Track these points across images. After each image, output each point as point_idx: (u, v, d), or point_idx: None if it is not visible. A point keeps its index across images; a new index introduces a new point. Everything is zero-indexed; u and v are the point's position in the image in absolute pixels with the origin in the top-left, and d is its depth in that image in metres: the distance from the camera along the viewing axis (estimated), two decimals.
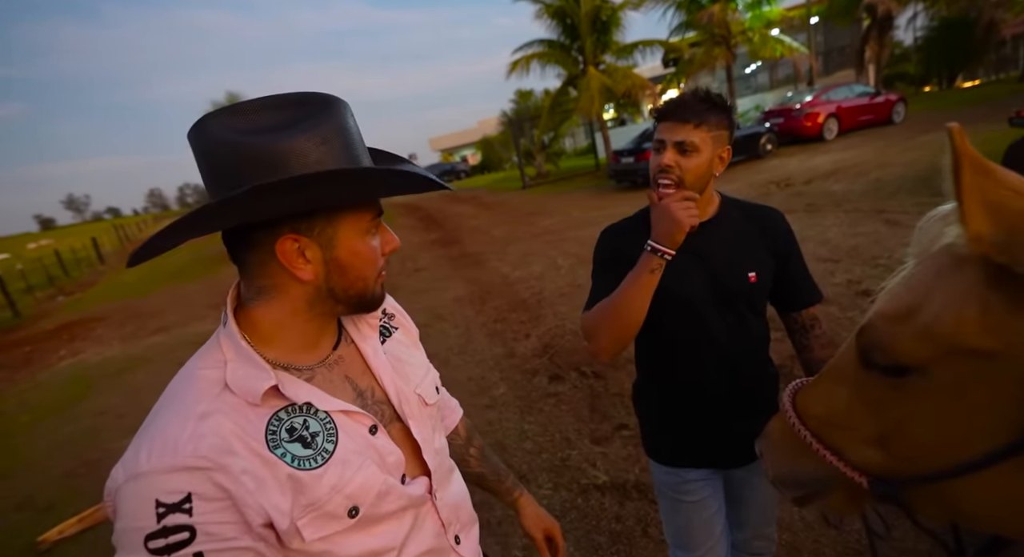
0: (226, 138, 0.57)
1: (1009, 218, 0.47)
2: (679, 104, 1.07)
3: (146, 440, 0.54)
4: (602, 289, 1.16)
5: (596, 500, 2.32)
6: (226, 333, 0.63)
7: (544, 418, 3.07)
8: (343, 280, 0.64)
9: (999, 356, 0.50)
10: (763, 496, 1.30)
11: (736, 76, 16.32)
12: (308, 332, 0.67)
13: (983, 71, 22.73)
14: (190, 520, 0.52)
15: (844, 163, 8.96)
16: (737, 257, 1.14)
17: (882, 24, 17.32)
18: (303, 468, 0.59)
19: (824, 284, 4.04)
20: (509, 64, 15.58)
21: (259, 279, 0.63)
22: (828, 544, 1.86)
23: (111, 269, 17.60)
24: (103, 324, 8.71)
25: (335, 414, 0.65)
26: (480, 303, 5.55)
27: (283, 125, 0.58)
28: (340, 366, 0.70)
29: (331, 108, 0.61)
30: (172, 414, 0.57)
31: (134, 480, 0.52)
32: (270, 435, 0.59)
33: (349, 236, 0.63)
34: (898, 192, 6.13)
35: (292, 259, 0.60)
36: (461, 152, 44.56)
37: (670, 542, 1.32)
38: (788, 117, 12.50)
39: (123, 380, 5.48)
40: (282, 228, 0.59)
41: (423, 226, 12.76)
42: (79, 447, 3.97)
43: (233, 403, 0.59)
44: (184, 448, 0.53)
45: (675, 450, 1.24)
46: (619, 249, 1.18)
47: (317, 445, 0.61)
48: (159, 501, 0.51)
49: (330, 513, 0.60)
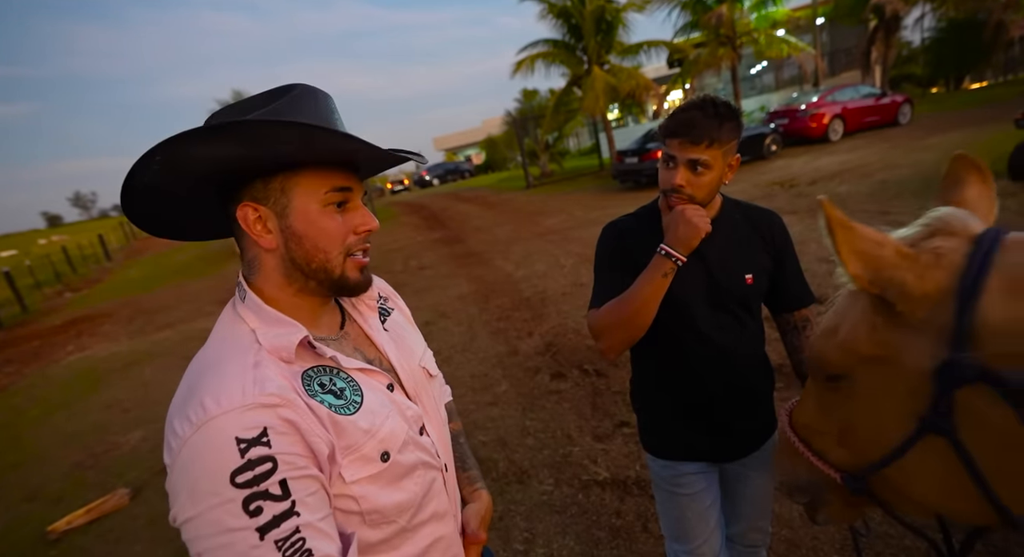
0: (211, 123, 0.63)
1: (871, 261, 0.64)
2: (690, 124, 1.04)
3: (207, 392, 0.56)
4: (607, 287, 1.17)
5: (597, 496, 2.34)
6: (246, 305, 0.67)
7: (546, 415, 3.09)
8: (300, 250, 0.66)
9: (887, 361, 0.67)
10: (758, 490, 1.33)
11: (741, 76, 16.29)
12: (303, 308, 0.70)
13: (991, 72, 22.56)
14: (270, 451, 0.55)
15: (849, 164, 8.94)
16: (736, 259, 1.16)
17: (889, 25, 17.22)
18: (340, 413, 0.63)
19: (825, 285, 4.05)
20: (514, 64, 15.60)
21: (244, 253, 0.69)
22: (826, 540, 1.88)
23: (118, 266, 17.74)
24: (110, 320, 8.80)
25: (355, 373, 0.69)
26: (483, 301, 5.58)
27: (250, 110, 0.64)
28: (348, 340, 0.75)
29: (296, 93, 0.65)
30: (225, 368, 0.59)
31: (208, 425, 0.54)
32: (306, 386, 0.63)
33: (304, 204, 0.66)
34: (903, 194, 6.12)
35: (252, 226, 0.65)
36: (465, 151, 44.60)
37: (666, 534, 1.34)
38: (793, 118, 12.47)
39: (130, 375, 5.55)
40: (242, 196, 0.65)
41: (427, 225, 12.81)
42: (87, 440, 4.02)
43: (271, 360, 0.62)
44: (251, 390, 0.56)
45: (670, 444, 1.26)
46: (625, 248, 1.19)
47: (347, 397, 0.65)
48: (239, 438, 0.54)
49: (366, 456, 0.64)
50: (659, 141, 1.14)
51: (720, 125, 1.04)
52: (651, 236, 1.15)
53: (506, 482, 2.54)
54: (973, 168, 0.81)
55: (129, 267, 16.77)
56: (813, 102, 12.49)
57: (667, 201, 1.13)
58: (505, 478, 2.57)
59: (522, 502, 2.39)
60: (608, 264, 1.21)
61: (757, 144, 11.61)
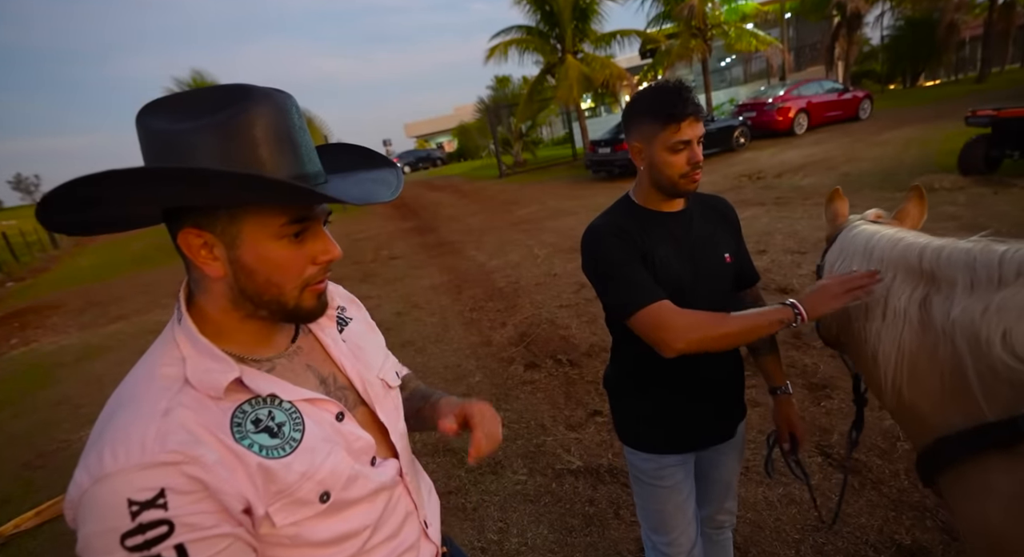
0: (150, 126, 0.56)
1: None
2: (687, 100, 1.07)
3: (108, 442, 0.52)
4: (641, 280, 1.09)
5: (570, 484, 2.36)
6: (181, 329, 0.61)
7: (520, 405, 3.09)
8: (252, 284, 0.61)
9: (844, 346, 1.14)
10: (727, 473, 1.38)
11: (711, 69, 16.52)
12: (253, 329, 0.65)
13: (944, 71, 23.65)
14: (166, 514, 0.51)
15: (814, 158, 9.22)
16: (713, 241, 1.21)
17: (851, 22, 17.78)
18: (272, 457, 0.58)
19: (791, 275, 4.18)
20: (487, 50, 15.37)
21: (190, 270, 0.63)
22: (788, 521, 1.95)
23: (66, 254, 16.79)
24: (58, 312, 8.32)
25: (299, 403, 0.64)
26: (456, 292, 5.53)
27: (198, 115, 0.55)
28: (300, 356, 0.69)
29: (251, 101, 0.56)
30: (133, 413, 0.55)
31: (102, 482, 0.51)
32: (235, 427, 0.58)
33: (255, 238, 0.59)
34: (864, 187, 6.36)
35: (196, 253, 0.59)
36: (437, 139, 43.94)
37: (646, 526, 1.35)
38: (761, 111, 12.77)
39: (81, 369, 5.27)
40: (184, 220, 0.58)
41: (398, 214, 12.59)
42: (35, 439, 3.80)
43: (195, 398, 0.57)
44: (152, 446, 0.52)
45: (658, 438, 1.25)
46: (633, 246, 1.13)
47: (284, 434, 0.61)
48: (131, 500, 0.50)
49: (301, 499, 0.60)
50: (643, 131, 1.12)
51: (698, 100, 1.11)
52: (643, 230, 1.15)
53: (480, 472, 2.54)
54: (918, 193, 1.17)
55: (79, 255, 15.89)
56: (780, 96, 12.82)
57: (686, 179, 1.11)
58: (479, 468, 2.56)
59: (496, 492, 2.39)
60: (625, 258, 1.12)
61: (726, 136, 11.84)
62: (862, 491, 2.01)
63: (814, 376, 2.80)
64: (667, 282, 1.13)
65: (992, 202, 5.05)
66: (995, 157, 5.96)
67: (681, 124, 1.07)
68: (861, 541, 1.81)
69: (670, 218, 1.18)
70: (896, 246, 0.96)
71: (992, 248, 0.81)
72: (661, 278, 1.12)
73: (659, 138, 1.09)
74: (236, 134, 0.55)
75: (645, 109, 1.11)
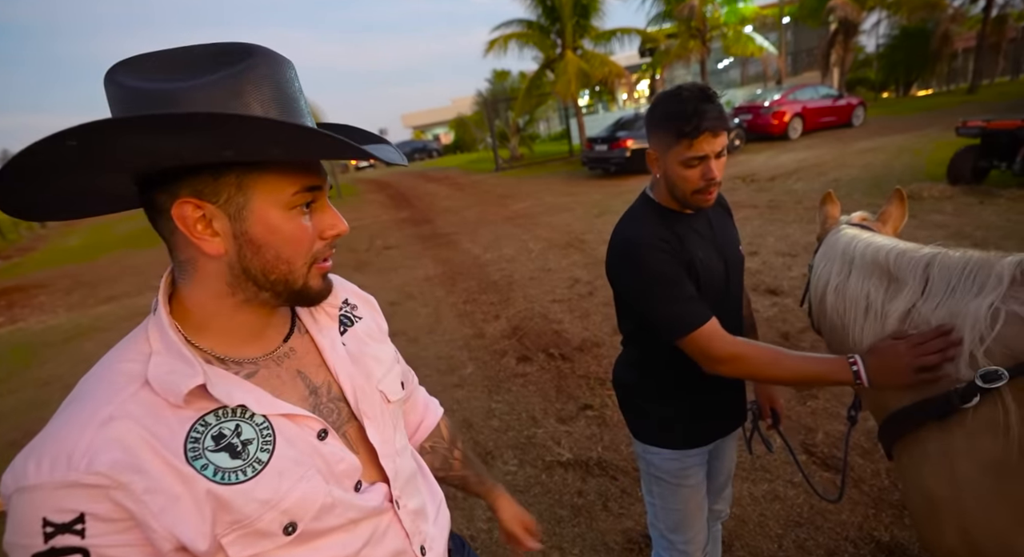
0: (131, 85, 0.49)
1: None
2: (704, 114, 0.99)
3: (38, 447, 0.48)
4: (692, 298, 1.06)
5: (560, 476, 2.41)
6: (155, 320, 0.56)
7: (511, 397, 3.13)
8: (259, 260, 0.55)
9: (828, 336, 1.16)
10: (729, 461, 1.41)
11: (709, 70, 16.59)
12: (245, 320, 0.59)
13: (936, 81, 23.93)
14: (82, 542, 0.47)
15: (806, 162, 9.32)
16: (732, 235, 1.25)
17: (847, 29, 17.92)
18: (226, 482, 0.52)
19: (781, 277, 4.25)
20: (487, 42, 15.30)
21: (175, 252, 0.56)
22: (772, 517, 2.00)
23: (54, 233, 16.49)
24: (46, 291, 8.20)
25: (275, 418, 0.57)
26: (450, 284, 5.55)
27: (198, 72, 0.50)
28: (291, 359, 0.63)
29: (257, 58, 0.51)
30: (73, 417, 0.50)
31: (20, 494, 0.47)
32: (191, 443, 0.52)
33: (264, 207, 0.54)
34: (853, 193, 6.46)
35: (192, 227, 0.52)
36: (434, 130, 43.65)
37: (663, 527, 1.32)
38: (756, 114, 12.85)
39: (70, 349, 5.21)
40: (180, 190, 0.51)
41: (393, 204, 12.53)
42: (22, 418, 3.77)
43: (151, 404, 0.52)
44: (78, 462, 0.47)
45: (682, 434, 1.24)
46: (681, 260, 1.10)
47: (248, 455, 0.54)
48: (47, 520, 0.46)
49: (261, 530, 0.53)
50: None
51: (723, 109, 1.04)
52: (674, 231, 1.11)
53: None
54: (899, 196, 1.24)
55: (67, 235, 15.63)
56: (776, 100, 12.90)
57: (702, 194, 1.07)
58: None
59: None
60: (674, 275, 1.07)
61: None
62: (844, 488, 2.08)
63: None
64: (709, 284, 1.11)
65: (979, 212, 5.16)
66: (983, 168, 6.08)
67: (695, 140, 1.01)
68: (841, 537, 1.87)
69: (694, 219, 1.16)
70: (868, 249, 1.04)
71: (947, 257, 0.90)
72: (704, 281, 1.10)
73: (673, 151, 1.04)
74: (244, 92, 0.50)
75: (660, 117, 1.06)
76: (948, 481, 0.84)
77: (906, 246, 0.98)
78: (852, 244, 1.08)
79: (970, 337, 0.82)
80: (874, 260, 1.00)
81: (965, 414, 0.81)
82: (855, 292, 1.02)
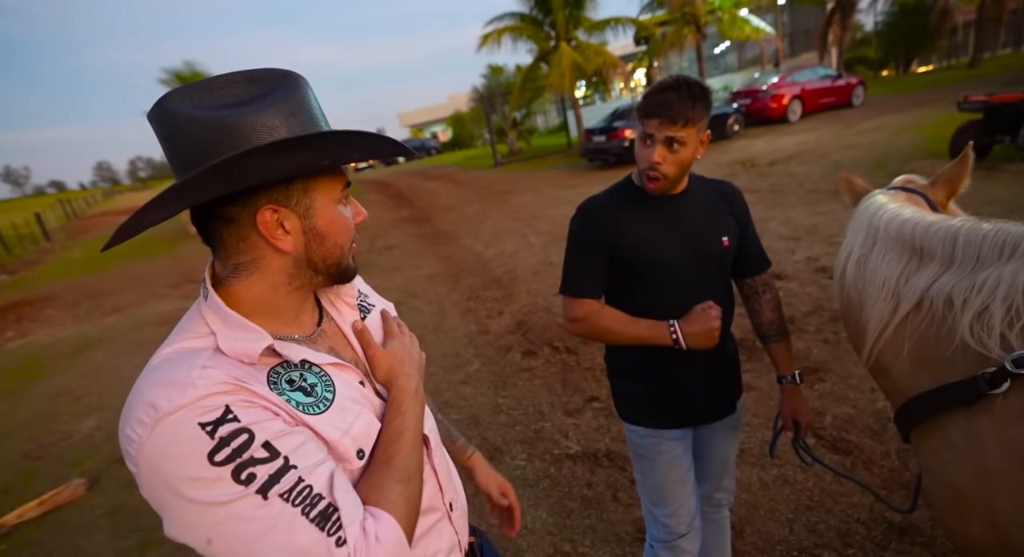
0: (192, 114, 0.57)
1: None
2: (666, 105, 1.09)
3: (153, 394, 0.53)
4: (580, 273, 1.24)
5: (568, 469, 2.41)
6: (209, 305, 0.63)
7: (518, 392, 3.13)
8: (321, 249, 0.66)
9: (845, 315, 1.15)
10: (724, 451, 1.42)
11: (706, 56, 16.45)
12: (288, 307, 0.68)
13: (936, 57, 23.63)
14: (241, 424, 0.53)
15: (807, 145, 9.24)
16: (711, 223, 1.24)
17: (845, 7, 17.69)
18: (309, 413, 0.61)
19: (785, 262, 4.22)
20: (481, 37, 15.20)
21: (236, 256, 0.64)
22: (782, 502, 2.00)
23: (59, 246, 16.60)
24: (53, 304, 8.26)
25: (328, 367, 0.67)
26: (453, 281, 5.55)
27: (249, 99, 0.59)
28: (324, 339, 0.72)
29: (293, 82, 0.63)
30: (171, 370, 0.55)
31: (163, 422, 0.51)
32: (272, 384, 0.60)
33: (325, 205, 0.65)
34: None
35: (272, 230, 0.61)
36: (431, 128, 43.56)
37: (646, 501, 1.38)
38: (755, 98, 12.74)
39: (79, 361, 5.25)
40: (259, 200, 0.60)
41: (394, 203, 12.52)
42: (35, 430, 3.80)
43: (228, 363, 0.59)
44: (201, 383, 0.53)
45: (654, 414, 1.30)
46: (598, 233, 1.22)
47: (318, 394, 0.64)
48: (202, 422, 0.51)
49: (341, 454, 0.63)
50: (633, 120, 1.17)
51: (693, 105, 1.09)
52: (629, 210, 1.21)
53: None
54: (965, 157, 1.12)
55: (71, 248, 15.72)
56: (774, 83, 12.78)
57: (645, 176, 1.17)
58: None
59: None
60: (580, 250, 1.24)
61: (720, 124, 11.81)
62: (854, 471, 2.06)
63: (807, 360, 2.85)
64: (646, 262, 1.19)
65: (984, 187, 5.10)
66: (986, 143, 6.00)
67: (647, 120, 1.12)
68: (852, 519, 1.86)
69: (667, 201, 1.21)
70: (893, 221, 0.99)
71: (976, 227, 0.85)
72: (635, 257, 1.19)
73: (637, 127, 1.15)
74: (298, 109, 0.61)
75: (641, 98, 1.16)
76: (975, 471, 0.80)
77: (934, 218, 0.93)
78: (878, 215, 1.03)
79: (1001, 310, 0.75)
80: (899, 233, 0.95)
81: (993, 400, 0.76)
82: (875, 265, 0.98)
